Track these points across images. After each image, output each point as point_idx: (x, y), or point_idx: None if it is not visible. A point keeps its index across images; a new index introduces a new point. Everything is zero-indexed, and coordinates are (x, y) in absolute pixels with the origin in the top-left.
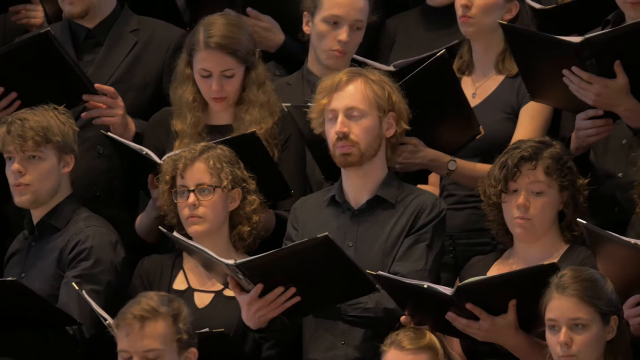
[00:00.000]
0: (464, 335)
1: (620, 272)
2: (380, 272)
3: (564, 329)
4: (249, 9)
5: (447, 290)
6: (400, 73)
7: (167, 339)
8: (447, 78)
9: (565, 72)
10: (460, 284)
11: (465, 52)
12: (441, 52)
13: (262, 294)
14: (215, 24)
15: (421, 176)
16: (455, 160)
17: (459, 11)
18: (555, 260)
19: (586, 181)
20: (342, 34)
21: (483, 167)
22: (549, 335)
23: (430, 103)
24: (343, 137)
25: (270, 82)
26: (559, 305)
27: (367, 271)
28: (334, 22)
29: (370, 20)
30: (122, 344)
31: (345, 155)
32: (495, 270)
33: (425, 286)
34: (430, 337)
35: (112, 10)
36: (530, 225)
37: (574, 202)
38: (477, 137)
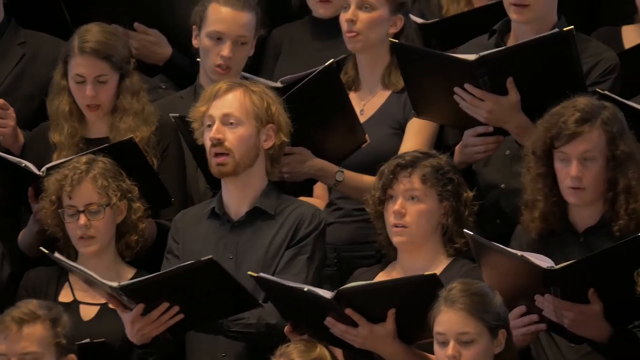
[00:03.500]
0: (343, 344)
1: (505, 283)
2: (262, 274)
3: (452, 343)
4: (136, 24)
5: (327, 294)
6: (287, 89)
7: (44, 343)
8: (335, 87)
9: (457, 89)
10: (340, 287)
11: (351, 67)
12: (330, 61)
13: (145, 311)
14: (90, 31)
15: (308, 186)
16: (342, 171)
17: (344, 26)
18: (436, 272)
19: (472, 194)
20: (225, 50)
21: (370, 179)
22: (437, 348)
23: (317, 112)
24: (217, 143)
25: (146, 92)
26: (448, 319)
27: (249, 272)
28: (218, 38)
29: (259, 34)
30: (0, 347)
31: (220, 165)
32: None
33: (306, 289)
34: (321, 350)
35: None
36: (407, 233)
37: (455, 214)
38: (363, 146)
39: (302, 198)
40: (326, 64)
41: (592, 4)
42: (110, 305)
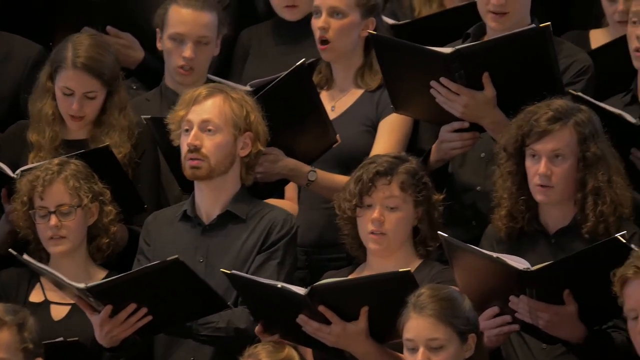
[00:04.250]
0: (315, 344)
1: (479, 284)
2: (235, 272)
3: (421, 349)
4: (108, 27)
5: (300, 290)
6: (257, 92)
7: (11, 348)
8: (306, 87)
9: (433, 83)
10: (315, 284)
11: (324, 67)
12: (301, 61)
13: (114, 313)
14: (84, 44)
15: (279, 187)
16: (315, 171)
17: (316, 34)
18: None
19: (441, 197)
20: (187, 51)
21: (342, 179)
22: (407, 355)
23: (289, 112)
24: (194, 149)
25: (129, 108)
26: (417, 325)
27: (222, 270)
28: (179, 39)
29: (223, 33)
30: None
31: (194, 168)
32: None
33: (280, 286)
34: (289, 351)
35: None
36: (385, 240)
37: (428, 217)
38: (334, 146)
39: (273, 201)
40: (297, 63)
41: (563, 7)
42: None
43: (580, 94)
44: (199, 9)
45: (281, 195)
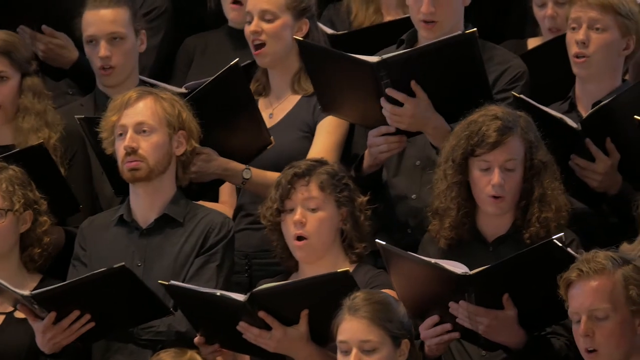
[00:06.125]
0: (256, 351)
1: (418, 292)
2: (173, 282)
3: (354, 351)
4: (44, 27)
5: (240, 297)
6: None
7: None
8: (239, 87)
9: (382, 101)
10: (254, 289)
11: (261, 74)
12: (234, 61)
13: (57, 319)
14: None
15: (213, 188)
16: (249, 169)
17: (249, 39)
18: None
19: (366, 199)
20: (101, 50)
21: (276, 175)
22: (340, 357)
23: (222, 112)
24: (131, 152)
25: (50, 100)
26: (350, 327)
27: (160, 281)
28: (92, 41)
29: (141, 27)
30: None
31: (134, 170)
32: None
33: (219, 294)
34: (192, 355)
35: None
36: (308, 246)
37: (353, 219)
38: (269, 147)
39: (207, 203)
40: (230, 63)
41: (497, 17)
42: (16, 315)
43: (523, 97)
44: (105, 7)
45: (215, 199)
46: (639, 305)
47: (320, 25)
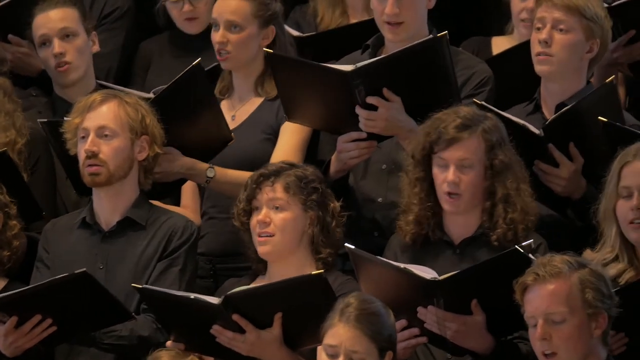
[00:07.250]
0: (229, 356)
1: (386, 296)
2: (146, 286)
3: (341, 358)
4: (10, 36)
5: (214, 300)
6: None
7: None
8: (201, 86)
9: (357, 108)
10: (228, 292)
11: (226, 75)
12: (197, 61)
13: (19, 324)
14: None
15: (175, 188)
16: (213, 168)
17: (215, 47)
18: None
19: (338, 204)
20: (55, 47)
21: (241, 174)
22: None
23: (185, 112)
24: (92, 155)
25: (20, 106)
26: (342, 334)
27: (133, 284)
28: (45, 42)
29: (91, 25)
30: None
31: (93, 175)
32: None
33: (193, 297)
34: (193, 358)
35: None
36: (271, 242)
37: (322, 224)
38: (230, 144)
39: (170, 207)
40: (193, 63)
41: (459, 17)
42: None
43: (484, 103)
44: (53, 8)
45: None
46: (595, 308)
47: (287, 27)
